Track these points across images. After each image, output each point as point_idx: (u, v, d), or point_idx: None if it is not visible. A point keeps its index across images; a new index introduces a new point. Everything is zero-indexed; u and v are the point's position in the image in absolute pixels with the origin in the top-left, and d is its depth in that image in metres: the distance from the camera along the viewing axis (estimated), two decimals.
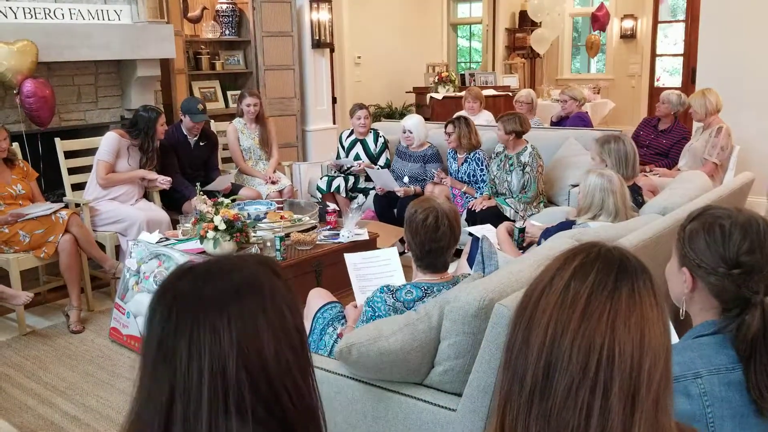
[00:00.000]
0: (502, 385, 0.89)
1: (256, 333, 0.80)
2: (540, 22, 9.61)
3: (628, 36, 10.51)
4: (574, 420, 0.81)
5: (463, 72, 9.40)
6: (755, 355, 1.21)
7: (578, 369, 0.82)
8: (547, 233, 2.73)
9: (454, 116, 4.83)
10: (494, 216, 4.04)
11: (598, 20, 10.14)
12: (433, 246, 2.05)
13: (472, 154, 4.53)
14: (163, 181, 4.26)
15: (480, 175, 4.48)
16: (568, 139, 4.60)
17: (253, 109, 4.94)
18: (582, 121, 5.52)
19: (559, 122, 5.70)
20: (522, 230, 3.21)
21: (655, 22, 10.15)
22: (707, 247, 1.27)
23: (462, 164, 4.57)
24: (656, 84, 10.20)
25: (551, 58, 10.96)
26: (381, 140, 5.03)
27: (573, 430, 0.81)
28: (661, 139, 5.06)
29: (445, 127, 4.62)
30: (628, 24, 10.48)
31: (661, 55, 10.36)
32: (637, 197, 3.19)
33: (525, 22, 10.33)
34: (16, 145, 3.98)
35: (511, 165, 4.24)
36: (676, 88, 5.82)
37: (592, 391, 0.81)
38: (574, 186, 2.97)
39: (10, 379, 3.10)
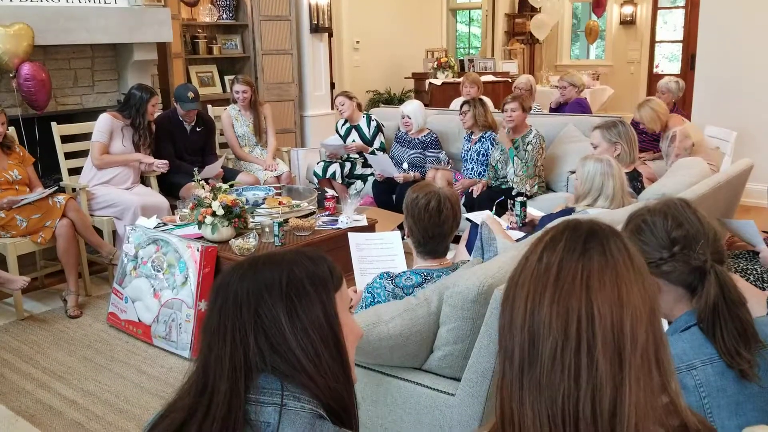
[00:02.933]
0: (497, 368, 0.92)
1: (271, 305, 0.94)
2: (540, 8, 9.55)
3: (628, 22, 10.46)
4: (564, 382, 0.83)
5: (462, 58, 9.35)
6: (719, 320, 1.24)
7: (560, 332, 0.83)
8: (547, 220, 2.72)
9: (468, 98, 4.87)
10: (491, 200, 4.04)
11: (601, 5, 10.06)
12: (436, 231, 2.04)
13: (486, 134, 4.53)
14: (161, 165, 4.24)
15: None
16: (567, 126, 4.58)
17: (243, 96, 4.90)
18: (581, 107, 5.50)
19: (558, 108, 5.68)
20: (523, 204, 3.15)
21: (655, 8, 10.10)
22: (645, 245, 1.32)
23: (475, 143, 4.57)
24: (655, 70, 10.17)
25: (550, 44, 10.91)
26: (374, 123, 5.00)
27: (565, 391, 0.82)
28: None
29: (461, 107, 4.63)
30: (628, 10, 10.42)
31: (660, 42, 10.32)
32: (636, 183, 3.18)
33: (525, 8, 10.27)
34: (12, 130, 3.96)
35: (517, 148, 4.24)
36: (674, 75, 5.79)
37: (576, 352, 0.83)
38: (572, 173, 2.96)
39: (7, 363, 3.10)
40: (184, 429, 0.91)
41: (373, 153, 4.91)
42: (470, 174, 4.57)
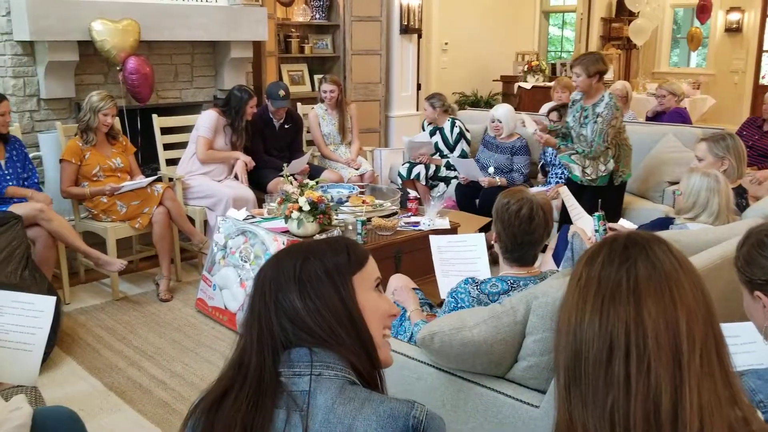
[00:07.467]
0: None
1: (287, 290, 1.07)
2: (638, 12, 9.19)
3: (733, 30, 9.90)
4: (613, 393, 0.81)
5: (553, 61, 9.13)
6: None
7: (605, 343, 0.82)
8: None
9: (558, 104, 4.79)
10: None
11: (706, 11, 9.55)
12: (525, 238, 1.99)
13: None
14: (242, 175, 4.37)
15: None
16: (666, 135, 4.38)
17: (330, 95, 4.98)
18: (680, 117, 5.25)
19: (655, 117, 5.45)
20: (600, 218, 2.92)
21: (764, 15, 9.52)
22: (765, 259, 1.27)
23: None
24: (761, 81, 9.59)
25: (648, 50, 10.47)
26: (457, 130, 4.94)
27: (614, 403, 0.81)
28: (766, 140, 4.74)
29: (548, 113, 4.61)
30: (734, 17, 9.86)
31: None
32: (741, 200, 3.00)
33: (622, 12, 9.91)
34: (116, 120, 4.17)
35: (586, 117, 3.85)
36: None
37: (625, 361, 0.81)
38: (672, 184, 2.81)
39: (102, 341, 3.28)
40: (225, 397, 1.04)
41: (448, 165, 4.86)
42: (559, 179, 4.45)
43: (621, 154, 3.85)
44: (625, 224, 3.17)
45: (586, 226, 2.63)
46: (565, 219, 3.78)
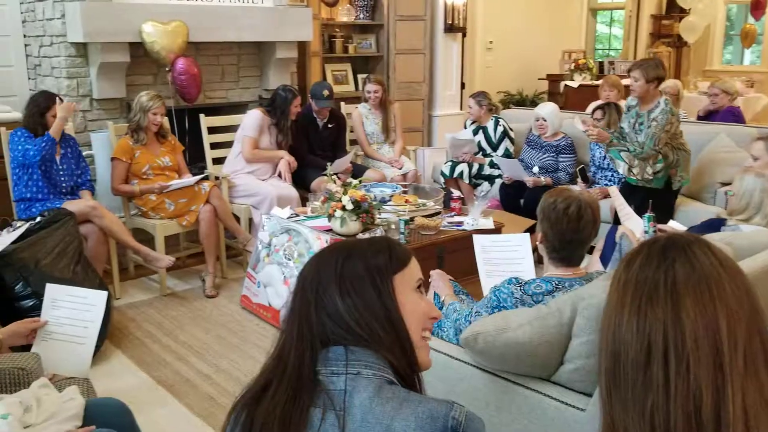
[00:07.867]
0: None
1: (327, 286, 1.08)
2: (689, 9, 8.92)
3: None
4: (652, 395, 0.80)
5: (601, 60, 8.95)
6: None
7: (643, 345, 0.81)
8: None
9: (602, 103, 4.67)
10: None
11: (760, 7, 9.20)
12: (574, 237, 1.95)
13: None
14: (287, 178, 4.41)
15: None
16: (719, 135, 4.25)
17: (374, 96, 5.00)
18: (733, 116, 5.08)
19: (707, 117, 5.29)
20: (651, 219, 2.74)
21: None
22: None
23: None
24: None
25: (700, 48, 10.15)
26: (500, 129, 4.90)
27: (653, 405, 0.80)
28: None
29: (592, 112, 4.50)
30: None
31: None
32: None
33: (673, 9, 9.63)
34: (165, 120, 4.27)
35: (641, 124, 3.87)
36: None
37: (664, 363, 0.79)
38: (725, 185, 2.72)
39: (151, 335, 3.36)
40: (265, 392, 1.05)
41: (491, 164, 4.82)
42: (608, 182, 4.35)
43: (679, 158, 3.82)
44: (675, 226, 3.09)
45: (635, 227, 2.57)
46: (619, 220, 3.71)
